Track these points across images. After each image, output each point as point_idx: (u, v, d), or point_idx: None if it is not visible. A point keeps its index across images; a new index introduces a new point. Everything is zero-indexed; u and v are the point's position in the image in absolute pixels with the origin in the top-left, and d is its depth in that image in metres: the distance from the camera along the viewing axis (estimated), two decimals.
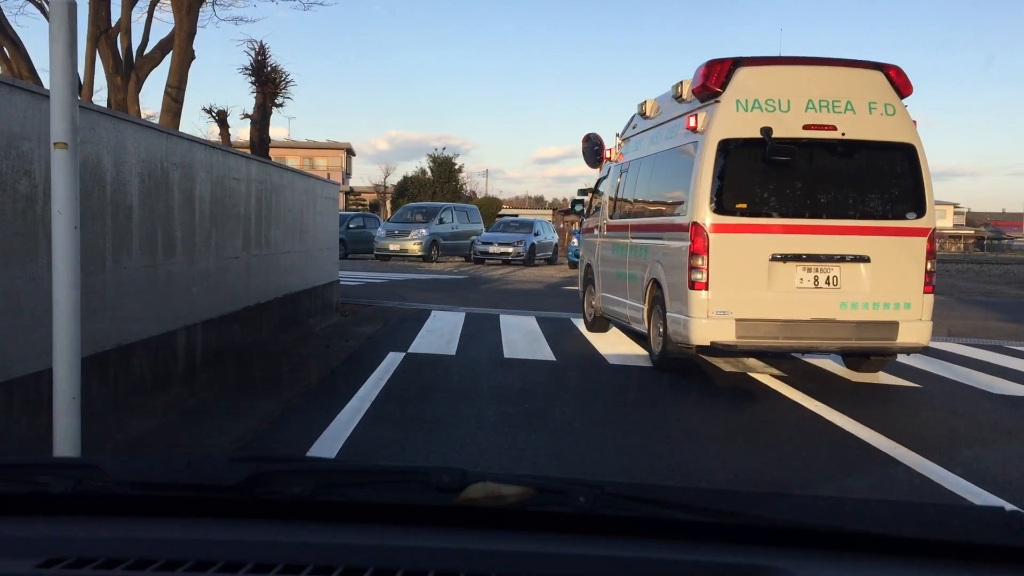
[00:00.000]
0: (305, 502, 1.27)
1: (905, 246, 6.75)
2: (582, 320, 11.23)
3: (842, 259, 6.68)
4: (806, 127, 6.69)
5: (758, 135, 6.59)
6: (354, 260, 27.77)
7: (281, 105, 11.44)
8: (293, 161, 59.09)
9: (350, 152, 60.50)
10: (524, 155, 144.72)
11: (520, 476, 1.29)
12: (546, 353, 8.43)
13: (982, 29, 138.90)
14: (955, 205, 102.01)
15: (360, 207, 52.76)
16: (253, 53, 11.29)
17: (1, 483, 1.37)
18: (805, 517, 1.23)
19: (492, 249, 26.59)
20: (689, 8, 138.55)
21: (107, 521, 1.28)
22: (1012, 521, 1.18)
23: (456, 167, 52.19)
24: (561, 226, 56.61)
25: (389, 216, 38.49)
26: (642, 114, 9.00)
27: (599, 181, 11.08)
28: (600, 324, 10.06)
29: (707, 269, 6.58)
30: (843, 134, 6.71)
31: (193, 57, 8.88)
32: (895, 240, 6.74)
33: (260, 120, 11.08)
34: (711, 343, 6.62)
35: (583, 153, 22.79)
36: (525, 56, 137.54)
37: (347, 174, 59.15)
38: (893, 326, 6.67)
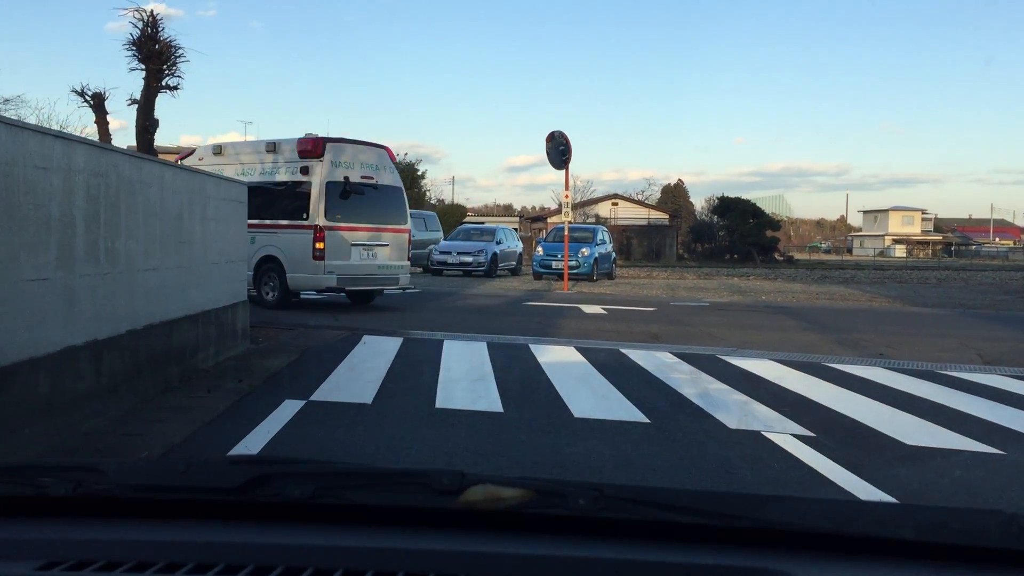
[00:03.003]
0: (305, 504, 1.26)
1: (400, 238, 13.30)
2: (542, 345, 9.27)
3: (379, 244, 12.86)
4: (362, 177, 12.65)
5: (342, 180, 12.36)
6: None
7: (176, 88, 9.30)
8: None
9: None
10: (495, 164, 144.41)
11: (520, 479, 1.28)
12: (491, 400, 6.42)
13: (944, 40, 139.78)
14: (923, 211, 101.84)
15: None
16: (141, 25, 9.12)
17: (1, 485, 1.35)
18: (804, 520, 1.22)
19: (450, 259, 24.53)
20: (656, 20, 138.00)
21: (107, 524, 1.28)
22: (1011, 523, 1.17)
23: (419, 173, 50.09)
24: (529, 234, 54.70)
25: None
26: (216, 152, 13.49)
27: None
28: None
29: (324, 248, 12.14)
30: (376, 182, 12.89)
31: None
32: (397, 235, 13.21)
33: (144, 103, 8.92)
34: (325, 287, 12.64)
35: (547, 153, 20.81)
36: (495, 66, 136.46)
37: None
38: (396, 277, 13.30)
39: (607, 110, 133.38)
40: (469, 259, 24.33)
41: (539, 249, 24.18)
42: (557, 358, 8.65)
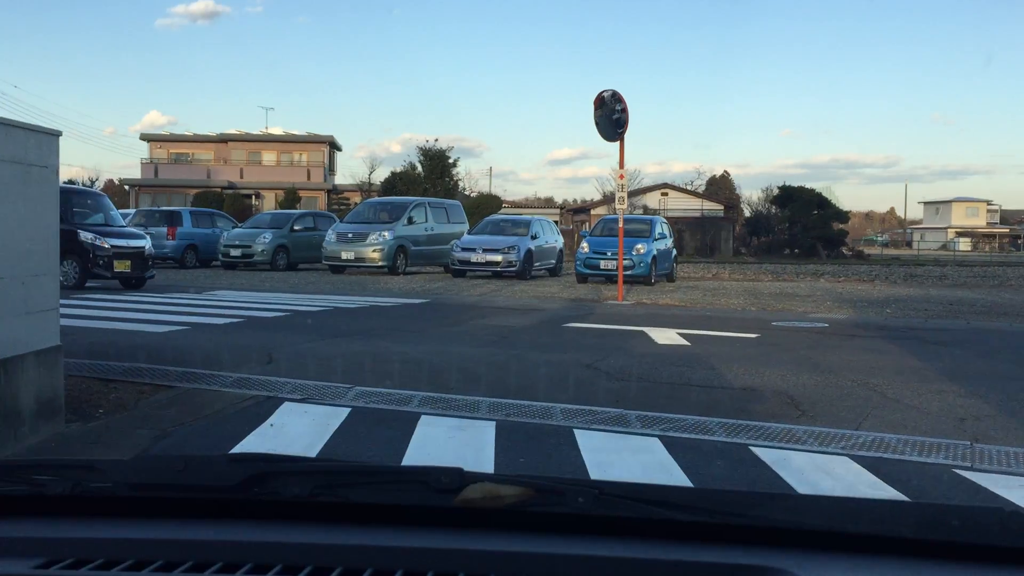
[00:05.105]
0: (303, 503, 1.25)
1: None
2: (596, 432, 4.84)
3: None
4: None
5: None
6: (298, 273, 21.50)
7: None
8: (270, 156, 52.76)
9: (334, 146, 54.19)
10: (537, 157, 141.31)
11: (518, 477, 1.27)
12: None
13: (988, 26, 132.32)
14: (988, 202, 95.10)
15: (342, 207, 46.52)
16: None
17: None
18: (804, 517, 1.21)
19: (474, 257, 20.17)
20: (701, 12, 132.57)
21: (105, 522, 1.26)
22: (1010, 522, 1.17)
23: (450, 160, 45.88)
24: (570, 227, 50.11)
25: None
26: None
27: None
28: None
29: None
30: None
31: None
32: None
33: None
34: None
35: (596, 124, 15.71)
36: (537, 59, 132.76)
37: (330, 171, 52.87)
38: None
39: (651, 102, 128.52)
40: (498, 257, 19.93)
41: (584, 245, 19.74)
42: (633, 479, 4.21)
